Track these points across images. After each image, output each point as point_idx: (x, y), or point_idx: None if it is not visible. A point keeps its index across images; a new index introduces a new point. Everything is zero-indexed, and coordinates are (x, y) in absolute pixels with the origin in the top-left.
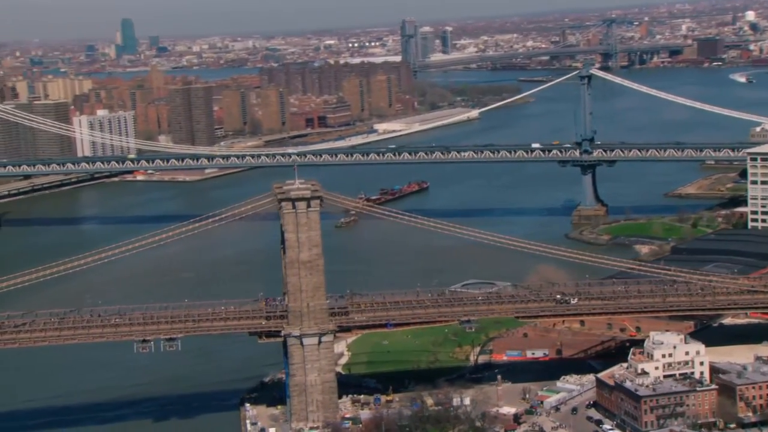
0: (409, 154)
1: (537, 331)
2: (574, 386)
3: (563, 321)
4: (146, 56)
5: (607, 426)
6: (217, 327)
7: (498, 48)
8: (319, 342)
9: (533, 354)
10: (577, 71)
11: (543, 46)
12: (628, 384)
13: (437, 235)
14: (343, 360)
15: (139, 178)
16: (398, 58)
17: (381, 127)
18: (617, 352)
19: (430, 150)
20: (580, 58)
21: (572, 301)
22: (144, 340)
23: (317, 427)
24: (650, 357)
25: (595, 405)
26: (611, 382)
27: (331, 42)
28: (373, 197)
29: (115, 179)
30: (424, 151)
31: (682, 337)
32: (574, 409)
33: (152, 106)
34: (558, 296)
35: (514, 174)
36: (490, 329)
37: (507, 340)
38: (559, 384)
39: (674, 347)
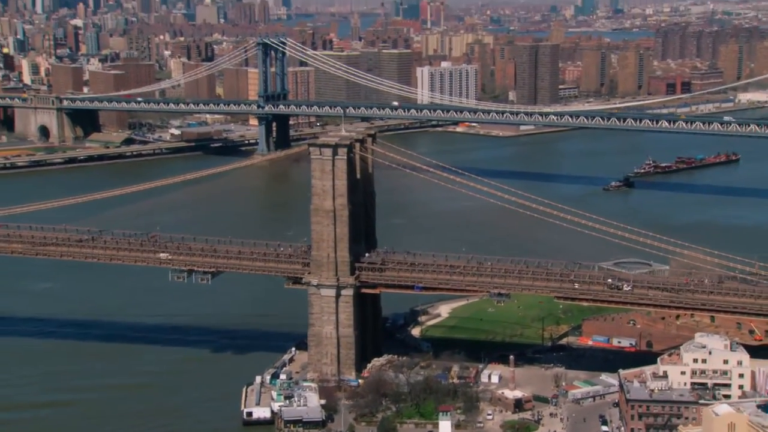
0: (702, 124)
1: (645, 320)
2: (614, 381)
3: (692, 314)
4: (597, 17)
5: (605, 428)
6: (251, 267)
7: None
8: (338, 295)
9: (619, 342)
10: None
11: None
12: (631, 385)
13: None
14: (434, 321)
15: (459, 129)
16: None
17: (744, 96)
18: None
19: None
20: None
21: (625, 288)
22: (180, 270)
23: (324, 381)
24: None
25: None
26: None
27: None
28: (664, 164)
29: (438, 129)
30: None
31: (727, 342)
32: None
33: (510, 62)
34: (609, 280)
35: None
36: (606, 311)
37: (598, 325)
38: (602, 377)
39: (709, 353)
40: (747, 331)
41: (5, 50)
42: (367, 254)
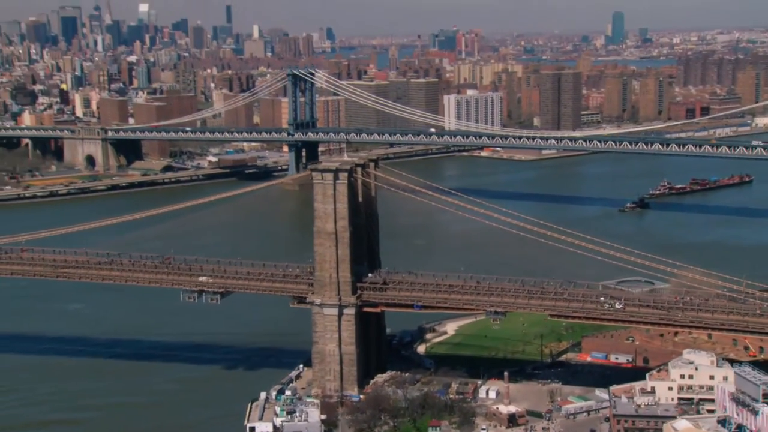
0: (728, 148)
1: (644, 337)
2: (607, 397)
3: (690, 332)
4: (626, 46)
5: None
6: (258, 287)
7: None
8: (341, 314)
9: (616, 359)
10: None
11: None
12: (619, 400)
13: (707, 231)
14: (440, 339)
15: (483, 154)
16: None
17: (762, 120)
18: None
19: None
20: None
21: (617, 306)
22: (191, 291)
23: (327, 397)
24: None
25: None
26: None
27: None
28: (678, 186)
29: (464, 154)
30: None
31: (714, 359)
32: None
33: (535, 90)
34: (602, 299)
35: None
36: (606, 329)
37: (597, 341)
38: (596, 392)
39: (696, 369)
40: (743, 347)
41: (63, 86)
42: (369, 274)
